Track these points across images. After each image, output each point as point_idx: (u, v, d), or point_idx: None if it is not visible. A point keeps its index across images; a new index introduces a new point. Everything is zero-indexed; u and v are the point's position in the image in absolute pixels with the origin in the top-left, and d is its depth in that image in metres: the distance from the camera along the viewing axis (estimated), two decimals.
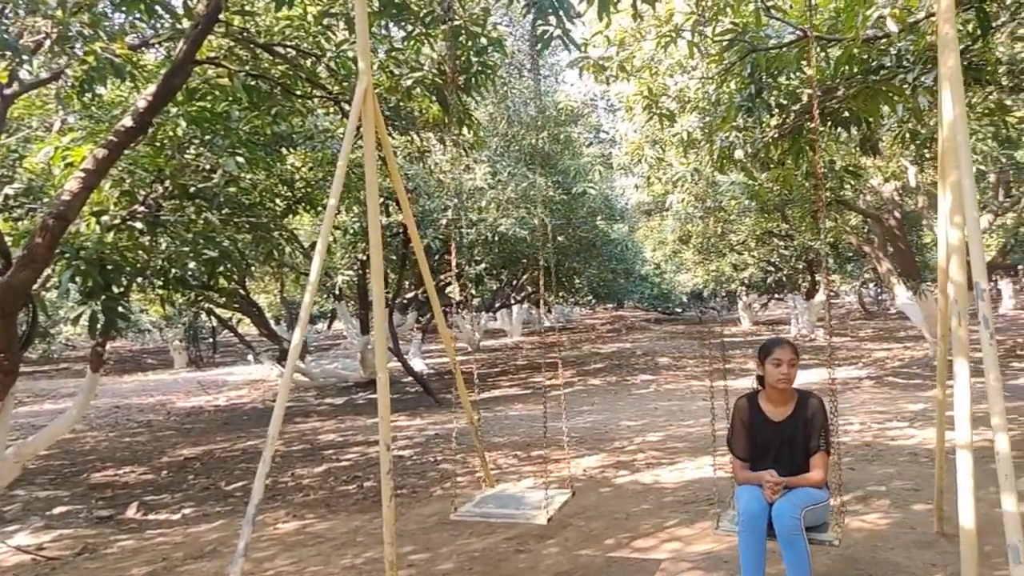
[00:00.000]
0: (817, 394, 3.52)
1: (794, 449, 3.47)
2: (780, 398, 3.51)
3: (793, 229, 19.15)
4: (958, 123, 3.32)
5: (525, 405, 12.29)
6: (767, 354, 3.50)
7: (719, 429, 3.96)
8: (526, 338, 28.38)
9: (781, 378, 3.43)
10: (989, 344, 3.01)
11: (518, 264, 16.80)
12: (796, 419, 3.48)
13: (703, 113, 8.98)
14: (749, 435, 3.56)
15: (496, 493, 5.09)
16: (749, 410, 3.59)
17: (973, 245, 3.12)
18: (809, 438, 3.45)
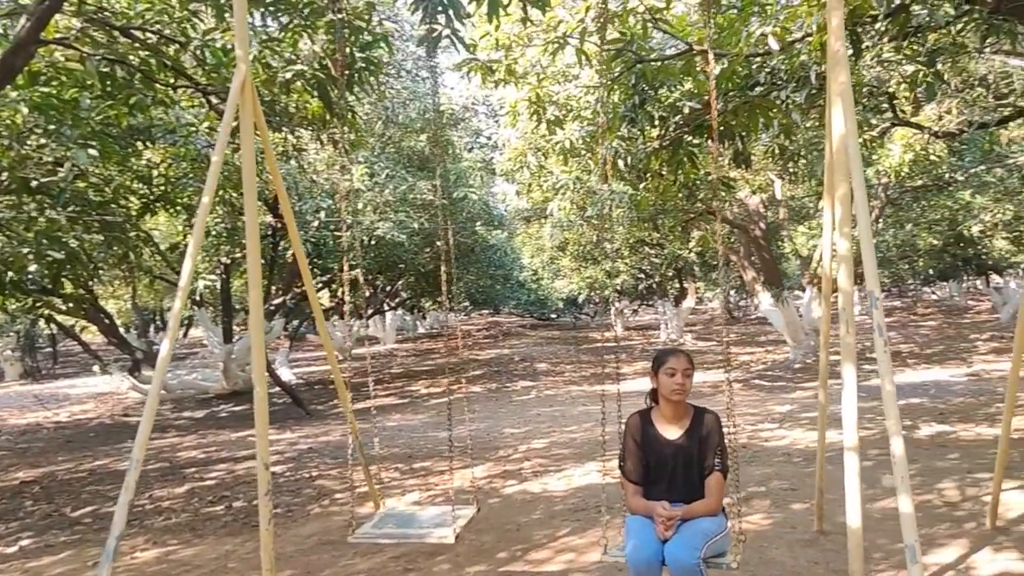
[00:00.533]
0: (714, 411, 3.34)
1: (690, 470, 3.24)
2: (674, 413, 3.27)
3: (664, 238, 19.87)
4: (849, 136, 3.39)
5: (403, 415, 11.97)
6: (660, 364, 3.27)
7: (603, 434, 3.87)
8: (400, 345, 27.90)
9: (676, 388, 3.19)
10: (883, 352, 3.08)
11: (394, 269, 16.42)
12: (692, 436, 3.25)
13: (585, 122, 9.05)
14: (642, 455, 3.28)
15: (395, 512, 4.83)
16: (641, 428, 3.32)
17: (866, 255, 3.18)
18: (704, 457, 3.22)
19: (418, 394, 14.54)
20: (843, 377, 3.41)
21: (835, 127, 3.59)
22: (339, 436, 10.09)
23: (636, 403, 3.88)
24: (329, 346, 5.23)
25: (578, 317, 35.70)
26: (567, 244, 21.32)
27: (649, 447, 3.29)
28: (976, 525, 4.65)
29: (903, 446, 2.99)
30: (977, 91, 9.56)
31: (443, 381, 16.53)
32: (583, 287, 25.84)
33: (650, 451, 3.28)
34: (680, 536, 3.03)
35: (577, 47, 6.84)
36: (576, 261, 22.38)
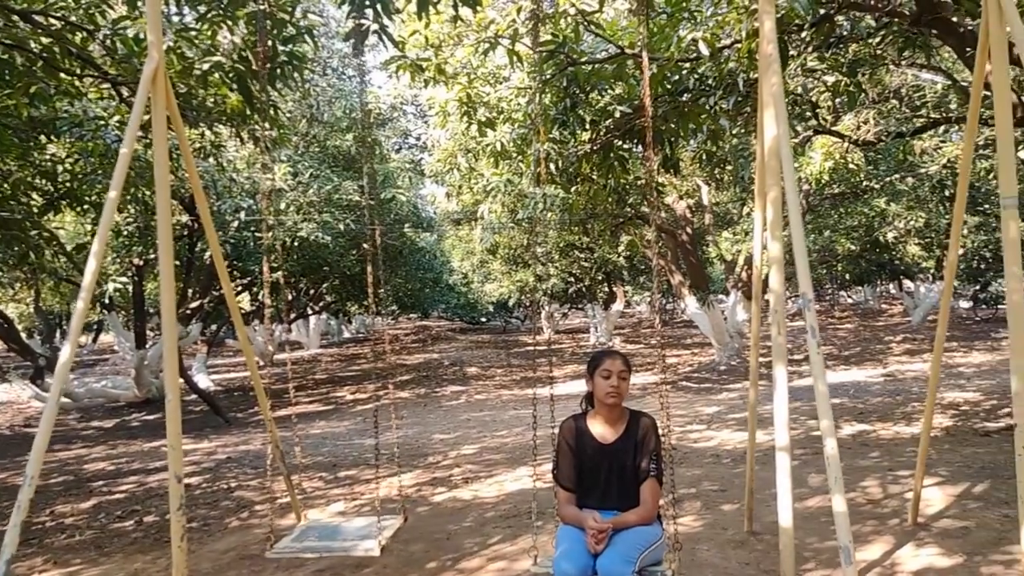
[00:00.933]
0: (650, 414, 3.24)
1: (624, 475, 3.12)
2: (610, 417, 3.16)
3: (593, 242, 20.02)
4: (781, 139, 3.38)
5: (328, 422, 11.64)
6: (596, 366, 3.16)
7: (534, 438, 3.77)
8: (324, 350, 27.30)
9: (611, 391, 3.08)
10: (817, 353, 3.06)
11: (319, 271, 16.00)
12: (627, 441, 3.13)
13: (516, 124, 8.97)
14: (576, 461, 3.15)
15: (317, 524, 4.61)
16: (576, 432, 3.18)
17: (799, 258, 3.16)
18: (639, 462, 3.10)
19: (343, 400, 14.20)
20: (774, 378, 3.40)
21: (767, 130, 3.58)
22: (260, 445, 9.72)
23: (567, 407, 3.80)
24: (249, 351, 4.98)
25: (508, 321, 35.70)
26: (498, 247, 21.28)
27: (583, 452, 3.17)
28: (899, 522, 4.74)
29: (836, 446, 2.98)
30: (892, 103, 9.93)
31: (369, 387, 16.21)
32: (514, 291, 25.85)
33: (584, 456, 3.16)
34: (613, 548, 2.92)
35: (508, 48, 6.76)
36: (507, 265, 22.34)
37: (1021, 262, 3.04)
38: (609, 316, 23.55)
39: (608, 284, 23.44)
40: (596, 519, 2.96)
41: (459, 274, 25.62)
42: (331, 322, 32.07)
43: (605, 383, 3.11)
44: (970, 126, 3.93)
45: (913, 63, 8.31)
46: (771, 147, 3.57)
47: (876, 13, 5.88)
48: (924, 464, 4.55)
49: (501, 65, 10.42)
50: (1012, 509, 4.78)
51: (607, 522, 2.97)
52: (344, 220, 12.53)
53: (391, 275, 18.68)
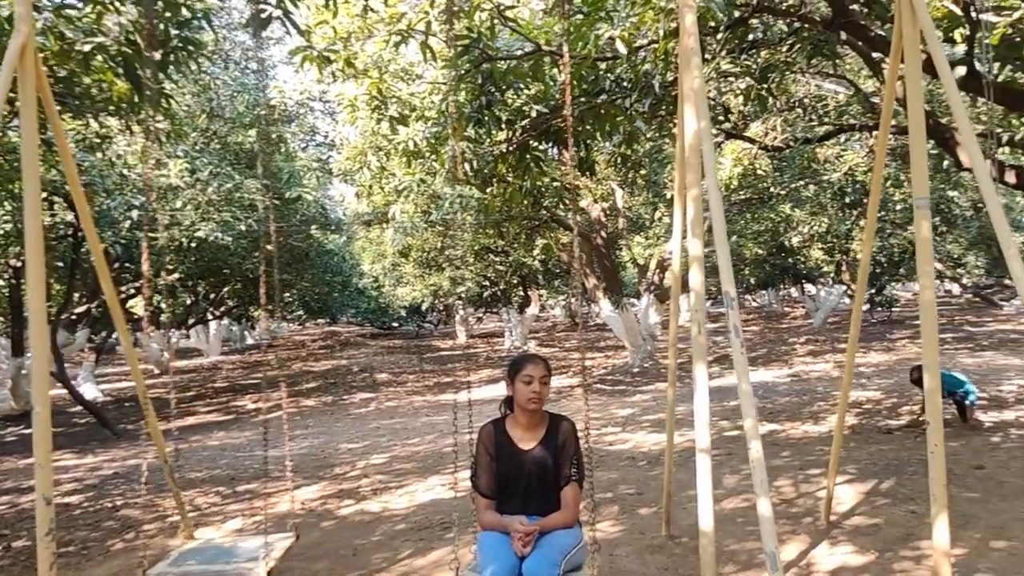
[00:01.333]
0: (570, 418, 3.14)
1: (545, 481, 3.03)
2: (530, 422, 3.06)
3: (508, 245, 19.89)
4: (703, 135, 3.27)
5: (228, 433, 11.04)
6: (517, 370, 3.05)
7: (451, 446, 3.58)
8: (225, 357, 26.18)
9: (532, 397, 2.98)
10: (740, 353, 2.96)
11: (219, 274, 15.24)
12: (547, 446, 3.05)
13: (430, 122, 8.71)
14: (496, 467, 3.05)
15: (199, 545, 4.24)
16: (495, 438, 3.08)
17: (721, 257, 3.05)
18: (560, 467, 3.03)
19: (244, 409, 13.55)
20: (695, 378, 3.30)
21: (687, 125, 3.47)
22: (151, 459, 9.09)
23: (484, 412, 3.63)
24: (133, 358, 4.56)
25: (421, 326, 35.20)
26: (410, 250, 20.86)
27: (503, 459, 3.06)
28: (812, 521, 4.75)
29: (760, 449, 2.88)
30: (796, 111, 10.19)
31: (272, 395, 15.54)
32: (427, 295, 25.44)
33: (504, 463, 3.06)
34: (539, 551, 2.85)
35: (422, 42, 6.50)
36: (420, 268, 21.95)
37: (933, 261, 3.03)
38: (524, 320, 23.50)
39: (523, 288, 23.38)
40: (523, 522, 2.91)
41: (370, 277, 25.02)
42: (233, 328, 30.80)
43: (527, 388, 3.01)
44: (883, 131, 3.95)
45: (819, 71, 8.51)
46: (692, 143, 3.47)
47: (789, 18, 5.93)
48: (836, 464, 4.56)
49: (414, 62, 10.14)
50: (917, 505, 4.87)
51: (534, 525, 2.91)
52: (246, 220, 11.92)
53: (297, 278, 18.03)
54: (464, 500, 5.97)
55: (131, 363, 4.53)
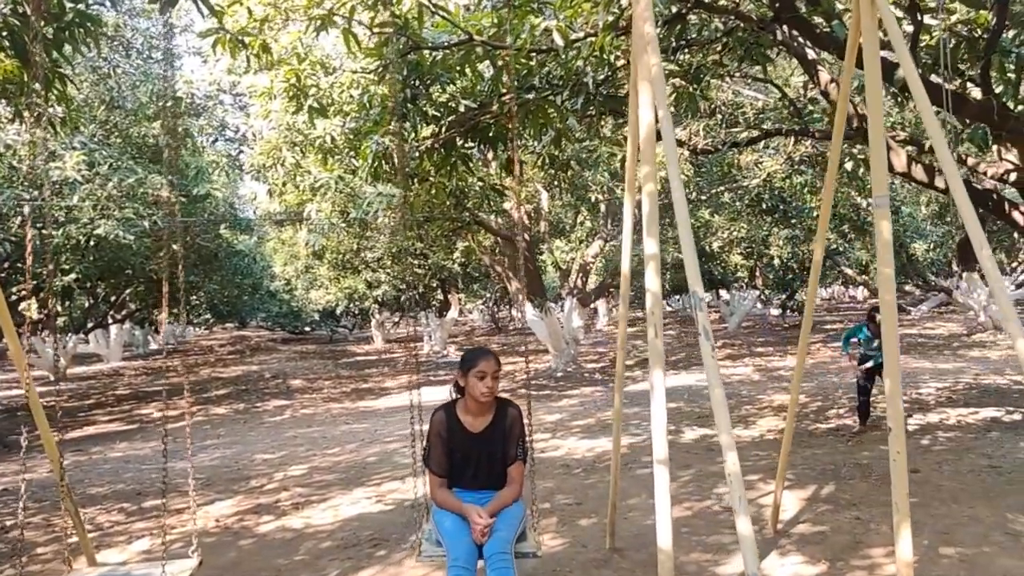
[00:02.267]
0: (515, 403, 3.37)
1: (493, 461, 3.31)
2: (479, 408, 3.27)
3: (428, 248, 19.51)
4: (664, 122, 3.08)
5: (131, 443, 10.30)
6: (471, 366, 3.21)
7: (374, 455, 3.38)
8: (127, 363, 24.76)
9: (485, 392, 3.18)
10: (711, 356, 2.77)
11: (120, 275, 14.28)
12: (495, 429, 3.29)
13: (349, 115, 8.33)
14: (447, 449, 3.30)
15: (101, 572, 3.78)
16: (447, 422, 3.30)
17: (687, 255, 2.86)
18: (507, 448, 3.29)
19: (149, 418, 12.73)
20: (652, 383, 3.11)
21: (642, 115, 3.28)
22: (46, 473, 8.34)
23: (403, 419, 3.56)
24: (21, 364, 4.03)
25: (335, 330, 34.29)
26: (325, 252, 20.20)
27: (454, 440, 3.29)
28: (759, 529, 4.63)
29: (737, 460, 2.70)
30: (716, 116, 10.29)
31: (180, 403, 14.70)
32: (341, 298, 24.73)
33: (455, 445, 3.29)
34: (495, 533, 3.10)
35: (344, 28, 6.13)
36: (335, 270, 21.28)
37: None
38: (444, 324, 23.12)
39: (443, 291, 23.02)
40: (480, 514, 3.10)
41: (281, 280, 24.12)
42: (135, 332, 29.20)
43: (480, 384, 3.17)
44: (837, 131, 3.86)
45: (746, 76, 8.57)
46: (647, 135, 3.29)
47: (725, 15, 5.87)
48: (784, 473, 4.47)
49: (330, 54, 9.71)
50: (860, 511, 4.84)
51: (489, 515, 3.12)
52: (150, 217, 11.18)
53: (205, 280, 17.16)
54: (393, 515, 5.67)
55: (19, 367, 4.01)
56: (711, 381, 2.60)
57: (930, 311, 25.66)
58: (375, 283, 22.72)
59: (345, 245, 19.44)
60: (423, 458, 3.40)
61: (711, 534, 4.64)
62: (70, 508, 4.24)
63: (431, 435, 3.33)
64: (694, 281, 2.71)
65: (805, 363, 13.16)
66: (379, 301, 24.88)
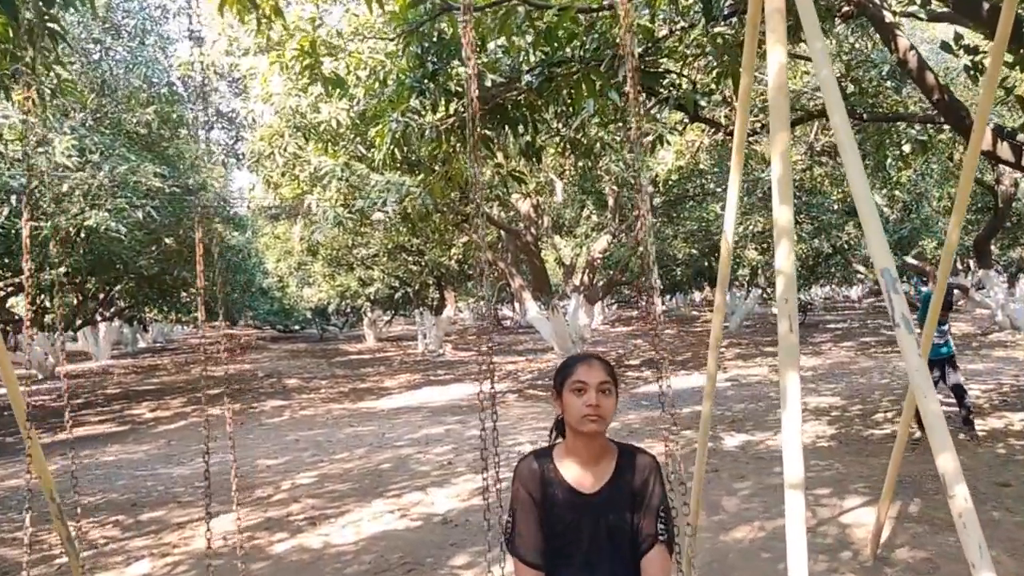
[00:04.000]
0: (650, 451, 2.16)
1: (617, 541, 2.08)
2: (590, 453, 2.08)
3: (424, 244, 18.88)
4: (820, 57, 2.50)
5: (123, 446, 9.63)
6: (566, 376, 2.07)
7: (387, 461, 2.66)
8: (116, 361, 23.99)
9: (589, 412, 1.99)
10: (917, 353, 2.16)
11: (111, 270, 13.58)
12: (618, 490, 2.09)
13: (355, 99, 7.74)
14: (542, 520, 2.08)
15: None
16: (540, 478, 2.09)
17: (869, 221, 2.29)
18: (640, 522, 2.07)
19: (142, 419, 12.04)
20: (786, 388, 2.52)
21: (772, 57, 2.70)
22: (35, 480, 7.67)
23: (409, 421, 2.77)
24: (5, 361, 3.44)
25: (325, 329, 33.57)
26: (319, 247, 19.54)
27: (553, 507, 2.07)
28: (852, 555, 4.08)
29: (969, 498, 2.10)
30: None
31: (173, 403, 14.03)
32: (334, 296, 24.06)
33: (555, 513, 2.07)
34: None
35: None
36: (330, 267, 20.61)
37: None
38: (440, 322, 22.50)
39: (439, 289, 22.39)
40: None
41: (274, 277, 23.41)
42: (124, 330, 28.39)
43: (579, 401, 2.00)
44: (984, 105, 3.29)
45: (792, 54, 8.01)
46: (778, 81, 2.70)
47: None
48: (891, 491, 3.89)
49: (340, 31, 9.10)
50: None
51: None
52: (143, 207, 10.53)
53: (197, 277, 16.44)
54: (423, 533, 5.08)
55: (4, 368, 3.41)
56: (922, 387, 1.99)
57: None
58: (368, 280, 22.06)
59: (340, 241, 18.79)
60: (505, 538, 2.15)
61: None
62: (61, 532, 3.64)
63: (516, 497, 2.11)
64: (883, 257, 2.11)
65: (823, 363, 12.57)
66: (371, 299, 24.23)
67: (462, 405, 11.49)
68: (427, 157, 9.26)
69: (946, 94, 5.25)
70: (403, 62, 6.47)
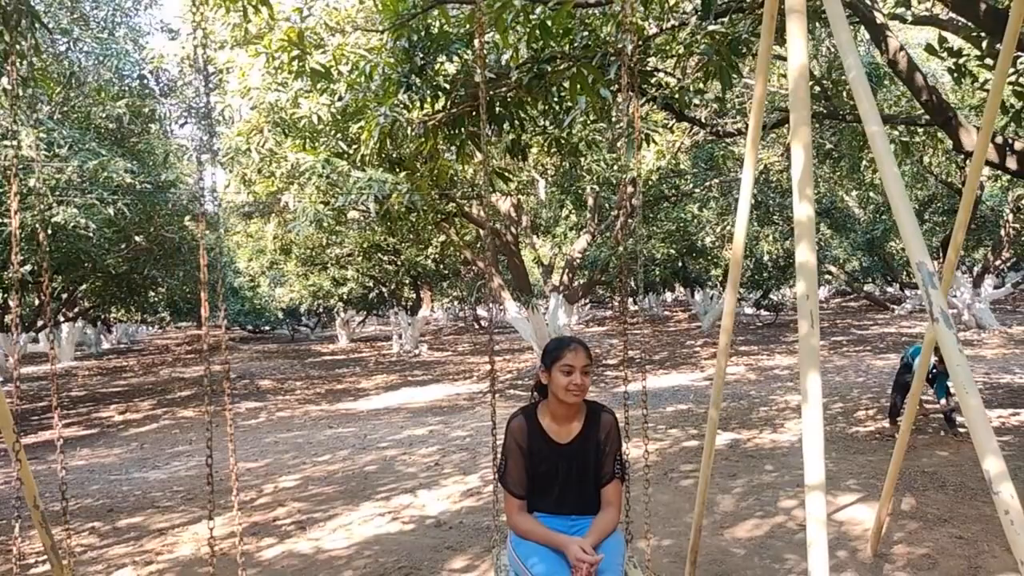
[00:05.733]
0: (610, 408, 2.70)
1: (583, 478, 2.68)
2: (567, 413, 2.66)
3: (400, 243, 18.69)
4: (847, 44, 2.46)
5: (93, 450, 9.38)
6: (555, 359, 2.60)
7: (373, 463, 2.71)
8: (80, 363, 23.43)
9: (573, 389, 2.56)
10: (958, 348, 2.21)
11: (79, 268, 13.21)
12: (587, 439, 2.68)
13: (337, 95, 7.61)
14: (529, 464, 2.66)
15: None
16: (528, 431, 2.65)
17: (903, 216, 2.25)
18: (602, 463, 2.67)
19: (111, 422, 11.74)
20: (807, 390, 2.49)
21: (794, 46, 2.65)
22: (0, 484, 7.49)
23: (390, 423, 2.82)
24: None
25: (296, 329, 33.16)
26: (292, 247, 19.25)
27: (538, 453, 2.66)
28: (851, 553, 4.07)
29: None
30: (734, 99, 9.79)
31: (142, 405, 13.70)
32: (306, 296, 23.73)
33: (538, 458, 2.66)
34: (600, 573, 2.48)
35: None
36: (303, 266, 20.32)
37: None
38: (415, 322, 22.32)
39: (416, 288, 22.22)
40: (585, 549, 2.45)
41: (245, 276, 23.00)
42: (87, 331, 27.75)
43: (566, 379, 2.58)
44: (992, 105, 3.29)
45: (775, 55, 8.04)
46: (798, 72, 2.66)
47: None
48: (892, 488, 3.89)
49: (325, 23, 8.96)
50: (958, 529, 4.32)
51: (598, 555, 2.46)
52: (114, 204, 10.26)
53: (167, 275, 16.13)
54: (417, 536, 4.98)
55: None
56: (964, 383, 1.95)
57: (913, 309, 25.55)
58: (341, 280, 21.80)
59: (315, 240, 18.53)
60: (499, 476, 2.74)
61: (801, 558, 4.04)
62: (45, 541, 3.49)
63: (508, 445, 2.68)
64: (919, 251, 2.08)
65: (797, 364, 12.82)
66: (344, 299, 23.95)
67: (443, 406, 11.38)
68: (411, 154, 9.16)
69: (935, 95, 5.29)
70: (388, 57, 6.37)
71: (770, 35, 3.03)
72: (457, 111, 6.33)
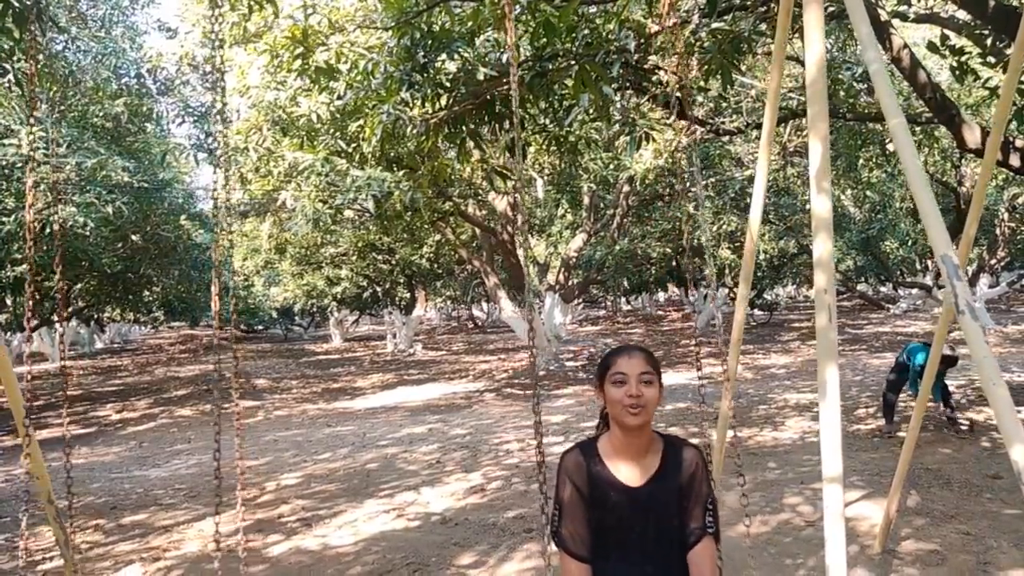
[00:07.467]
0: (694, 443, 2.09)
1: (663, 534, 2.02)
2: (635, 446, 2.01)
3: (395, 243, 18.67)
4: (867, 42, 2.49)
5: (92, 449, 9.36)
6: (607, 368, 2.01)
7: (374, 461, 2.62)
8: (74, 362, 23.32)
9: (630, 403, 1.92)
10: (983, 341, 2.17)
11: (75, 268, 13.15)
12: (664, 482, 2.03)
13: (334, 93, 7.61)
14: (589, 513, 2.01)
15: None
16: (587, 471, 2.01)
17: (926, 206, 2.28)
18: (687, 515, 2.02)
19: (108, 421, 11.69)
20: (825, 381, 2.53)
21: (811, 39, 2.68)
22: (2, 482, 7.47)
23: (388, 421, 2.74)
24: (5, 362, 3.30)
25: (289, 329, 33.09)
26: (287, 246, 19.20)
27: (599, 500, 2.00)
28: (860, 549, 4.09)
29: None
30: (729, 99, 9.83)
31: (139, 403, 13.65)
32: (300, 295, 23.66)
33: (601, 506, 2.00)
34: None
35: None
36: (298, 265, 20.28)
37: None
38: (410, 321, 22.31)
39: (410, 288, 22.20)
40: None
41: (240, 276, 22.93)
42: (80, 331, 27.63)
43: (619, 392, 1.95)
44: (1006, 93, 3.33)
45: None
46: (817, 65, 2.68)
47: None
48: (901, 484, 3.91)
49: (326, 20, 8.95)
50: (966, 525, 4.35)
51: None
52: (113, 203, 10.23)
53: (162, 275, 16.07)
54: (423, 533, 4.98)
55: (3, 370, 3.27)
56: (991, 376, 1.97)
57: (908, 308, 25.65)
58: (335, 279, 21.76)
59: (310, 239, 18.48)
60: (552, 531, 2.07)
61: (807, 555, 4.07)
62: (58, 536, 3.50)
63: (561, 490, 2.04)
64: (942, 243, 2.10)
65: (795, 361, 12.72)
66: (338, 299, 23.90)
67: (440, 404, 11.38)
68: (410, 152, 9.15)
69: (938, 92, 5.33)
70: (389, 55, 6.37)
71: (785, 28, 3.05)
72: (459, 109, 6.34)
